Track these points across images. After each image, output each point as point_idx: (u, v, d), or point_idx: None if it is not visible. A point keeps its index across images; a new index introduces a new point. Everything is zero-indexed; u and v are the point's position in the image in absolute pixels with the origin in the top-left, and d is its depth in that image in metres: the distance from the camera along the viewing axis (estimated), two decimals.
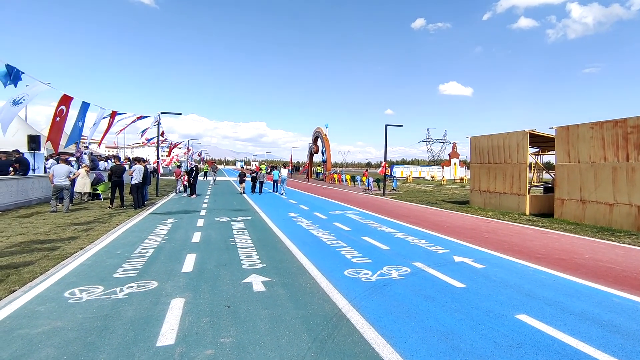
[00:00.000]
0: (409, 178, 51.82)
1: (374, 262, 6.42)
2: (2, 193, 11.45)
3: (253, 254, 6.82)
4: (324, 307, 4.30)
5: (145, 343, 3.38)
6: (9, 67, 7.61)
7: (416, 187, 33.92)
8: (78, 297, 4.47)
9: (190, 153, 38.90)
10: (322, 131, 45.49)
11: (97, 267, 5.74)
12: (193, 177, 18.09)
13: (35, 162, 14.48)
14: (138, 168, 13.22)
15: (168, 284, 5.04)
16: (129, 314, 4.00)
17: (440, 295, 4.77)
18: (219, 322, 3.84)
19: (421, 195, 23.43)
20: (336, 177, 40.21)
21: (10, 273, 5.32)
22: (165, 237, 8.18)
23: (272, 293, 4.75)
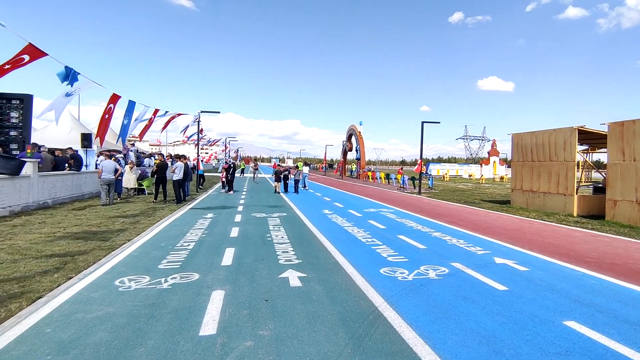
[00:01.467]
0: (446, 176, 50.43)
1: (410, 261, 6.33)
2: (59, 187, 12.35)
3: (289, 249, 6.93)
4: (360, 305, 4.29)
5: (188, 332, 3.53)
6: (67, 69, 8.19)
7: (453, 186, 32.95)
8: (127, 286, 4.74)
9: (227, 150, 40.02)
10: (356, 128, 45.25)
11: (144, 258, 6.06)
12: (231, 174, 18.60)
13: (87, 159, 15.49)
14: (179, 165, 13.78)
15: (209, 276, 5.23)
16: (173, 304, 4.20)
17: (481, 298, 4.62)
18: (258, 315, 3.94)
19: (458, 194, 22.74)
20: (370, 175, 39.87)
21: (67, 261, 5.74)
22: (205, 231, 8.49)
23: (309, 289, 4.81)
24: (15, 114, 11.83)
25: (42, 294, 4.40)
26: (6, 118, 11.84)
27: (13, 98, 11.90)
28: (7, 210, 9.67)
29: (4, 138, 11.87)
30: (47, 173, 11.80)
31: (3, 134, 11.86)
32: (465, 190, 26.81)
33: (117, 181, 13.00)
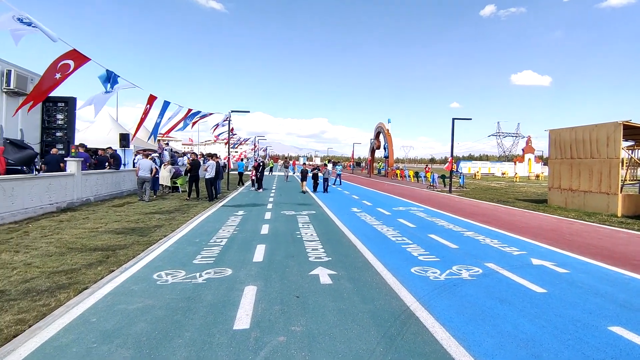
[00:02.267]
0: (477, 174, 48.95)
1: (442, 260, 6.20)
2: (100, 185, 13.01)
3: (318, 247, 6.97)
4: (391, 304, 4.26)
5: (223, 325, 3.64)
6: (108, 72, 8.59)
7: (485, 184, 31.95)
8: (164, 280, 4.93)
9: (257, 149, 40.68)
10: (384, 126, 44.77)
11: (179, 253, 6.29)
12: (260, 172, 18.91)
13: (125, 158, 16.21)
14: (211, 163, 14.16)
15: (241, 272, 5.35)
16: (208, 298, 4.33)
17: (518, 300, 4.47)
18: (290, 311, 3.99)
19: (491, 193, 22.02)
20: (399, 173, 39.35)
21: (109, 255, 6.05)
22: (236, 228, 8.68)
23: (339, 286, 4.82)
24: (60, 116, 12.57)
25: (88, 286, 4.65)
26: (53, 120, 12.60)
27: (59, 101, 12.63)
28: (55, 206, 10.30)
29: (51, 138, 12.63)
30: (90, 171, 12.45)
31: (50, 135, 12.63)
32: (499, 189, 25.93)
33: (153, 179, 13.55)
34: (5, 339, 3.29)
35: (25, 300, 4.11)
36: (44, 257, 5.81)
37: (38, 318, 3.71)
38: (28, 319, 3.67)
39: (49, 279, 4.81)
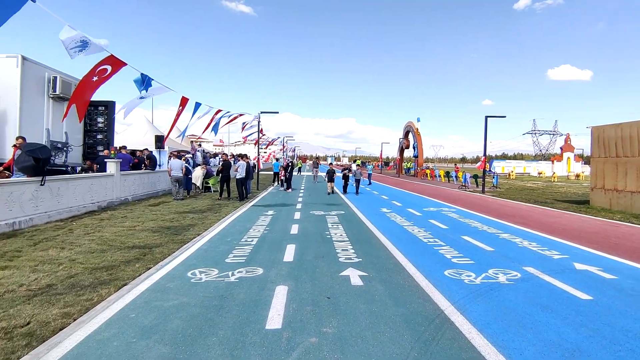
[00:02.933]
0: (512, 174, 47.08)
1: (477, 263, 5.99)
2: (137, 185, 13.56)
3: (348, 247, 6.92)
4: (425, 307, 4.15)
5: (255, 325, 3.67)
6: (143, 75, 8.95)
7: (521, 184, 30.69)
8: (198, 278, 5.05)
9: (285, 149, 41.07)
10: (413, 125, 44.00)
11: (212, 252, 6.42)
12: (289, 172, 19.06)
13: (160, 159, 16.81)
14: (242, 164, 14.42)
15: (272, 271, 5.40)
16: (240, 297, 4.39)
17: (561, 306, 4.23)
18: (321, 312, 3.98)
19: (527, 193, 21.12)
20: (429, 173, 38.54)
21: (146, 252, 6.27)
22: (267, 227, 8.78)
23: (370, 288, 4.75)
24: (101, 119, 13.21)
25: (127, 282, 4.84)
26: (94, 123, 13.26)
27: (99, 105, 13.28)
28: (96, 205, 10.82)
29: (92, 141, 13.29)
30: (128, 172, 13.00)
31: (92, 137, 13.29)
32: (535, 189, 24.83)
33: (186, 179, 13.98)
34: (52, 331, 3.47)
35: (70, 295, 4.32)
36: (86, 253, 6.10)
37: (82, 312, 3.89)
38: (73, 313, 3.85)
39: (91, 275, 5.05)
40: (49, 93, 11.19)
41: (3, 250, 6.12)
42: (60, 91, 11.21)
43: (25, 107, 10.29)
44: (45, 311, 3.87)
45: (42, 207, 8.63)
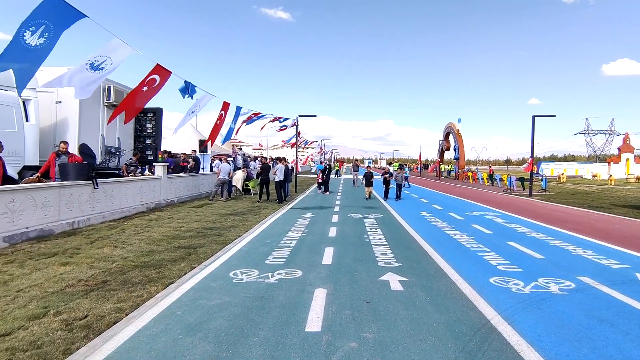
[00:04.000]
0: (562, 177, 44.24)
1: (525, 271, 5.68)
2: (182, 187, 14.21)
3: (387, 251, 6.81)
4: (469, 316, 3.99)
5: (295, 327, 3.70)
6: (186, 83, 9.36)
7: (572, 188, 28.80)
8: (240, 278, 5.18)
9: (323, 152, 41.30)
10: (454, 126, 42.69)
11: (252, 253, 6.57)
12: (326, 175, 19.13)
13: (203, 162, 17.49)
14: (280, 167, 14.66)
15: (311, 274, 5.42)
16: (280, 298, 4.45)
17: (622, 320, 3.90)
18: (360, 317, 3.94)
19: (580, 197, 19.76)
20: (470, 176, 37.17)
21: (190, 252, 6.54)
22: (305, 230, 8.85)
23: (411, 294, 4.65)
24: (150, 125, 13.95)
25: (173, 280, 5.06)
26: (143, 128, 14.04)
27: (148, 112, 14.04)
28: (145, 207, 11.45)
29: (142, 145, 14.08)
30: (174, 175, 13.65)
31: (141, 142, 14.09)
32: (589, 193, 23.18)
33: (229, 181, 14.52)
34: (107, 324, 3.70)
35: (122, 291, 4.59)
36: (137, 252, 6.46)
37: (133, 308, 4.12)
38: (125, 308, 4.09)
39: (141, 273, 5.33)
40: (104, 101, 11.99)
41: (64, 248, 6.62)
42: (113, 99, 11.98)
43: (84, 115, 11.10)
44: (101, 305, 4.13)
45: (97, 208, 9.26)
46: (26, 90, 9.64)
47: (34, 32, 5.21)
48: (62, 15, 5.21)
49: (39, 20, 5.03)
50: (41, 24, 5.12)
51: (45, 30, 5.27)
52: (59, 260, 5.82)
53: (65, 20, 5.24)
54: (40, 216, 7.48)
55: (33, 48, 5.10)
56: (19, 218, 7.00)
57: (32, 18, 5.07)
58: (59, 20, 5.15)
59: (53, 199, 7.84)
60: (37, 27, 5.18)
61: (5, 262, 5.65)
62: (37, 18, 4.98)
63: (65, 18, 5.29)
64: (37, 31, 5.23)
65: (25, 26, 5.12)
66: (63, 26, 5.28)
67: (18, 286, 4.65)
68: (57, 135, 10.85)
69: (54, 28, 5.18)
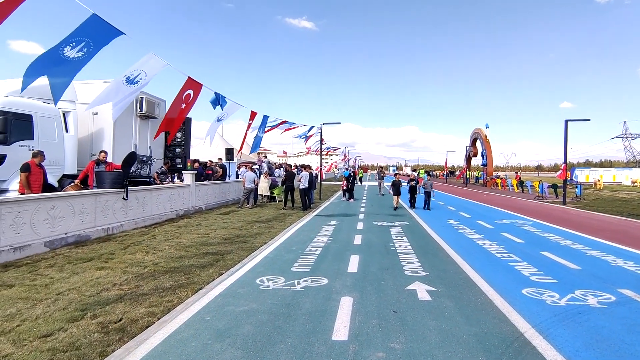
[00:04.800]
0: (598, 183, 42.18)
1: (560, 282, 5.44)
2: (210, 195, 14.55)
3: (414, 260, 6.70)
4: (501, 328, 3.86)
5: (322, 335, 3.69)
6: (217, 94, 9.65)
7: (610, 195, 27.40)
8: (266, 285, 5.23)
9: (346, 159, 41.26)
10: (481, 132, 41.69)
11: (278, 260, 6.63)
12: (350, 182, 19.08)
13: (229, 170, 17.86)
14: (305, 174, 14.76)
15: (337, 282, 5.41)
16: (306, 306, 4.46)
17: None
18: (387, 326, 3.89)
19: (619, 205, 18.76)
20: (499, 182, 36.08)
21: (218, 259, 6.67)
22: (330, 237, 8.85)
23: (439, 304, 4.55)
24: (179, 134, 14.42)
25: (202, 286, 5.18)
26: (173, 138, 14.51)
27: None
28: (174, 214, 11.79)
29: (172, 154, 14.56)
30: (202, 183, 14.01)
31: (171, 151, 14.57)
32: (629, 200, 21.99)
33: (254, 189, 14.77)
34: (140, 328, 3.82)
35: (154, 296, 4.73)
36: (167, 258, 6.66)
37: (164, 312, 4.24)
38: (157, 313, 4.21)
39: (171, 278, 5.48)
40: (137, 112, 12.50)
41: (100, 253, 6.91)
42: (145, 110, 12.48)
43: (118, 125, 11.61)
44: (134, 309, 4.28)
45: (130, 215, 9.62)
46: (66, 102, 10.25)
47: (74, 47, 5.52)
48: (102, 33, 5.51)
49: (80, 38, 5.35)
50: (82, 41, 5.43)
51: (85, 46, 5.58)
52: (95, 265, 6.08)
53: (104, 37, 5.54)
54: (78, 222, 7.85)
55: (70, 60, 5.39)
56: (59, 224, 7.37)
57: (74, 35, 5.38)
58: (98, 38, 5.46)
59: (90, 206, 8.22)
60: (78, 43, 5.49)
61: (46, 266, 5.96)
62: (78, 35, 5.30)
63: (105, 36, 5.59)
64: (77, 46, 5.54)
65: (67, 42, 5.44)
66: (102, 43, 5.58)
67: (58, 289, 4.89)
68: (93, 145, 11.40)
69: (94, 45, 5.48)
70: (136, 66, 6.86)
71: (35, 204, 6.90)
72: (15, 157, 8.36)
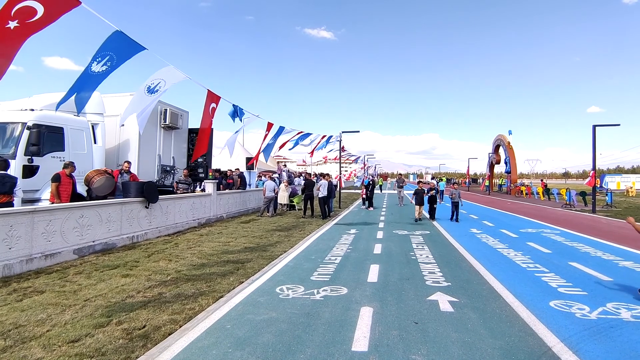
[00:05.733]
0: (631, 191, 40.31)
1: (590, 295, 5.22)
2: (231, 204, 14.77)
3: (435, 270, 6.58)
4: (527, 342, 3.73)
5: (341, 345, 3.66)
6: (235, 107, 9.83)
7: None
8: (286, 294, 5.24)
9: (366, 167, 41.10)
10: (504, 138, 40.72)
11: (298, 269, 6.63)
12: (370, 191, 18.96)
13: (250, 179, 18.10)
14: (324, 183, 14.78)
15: (356, 291, 5.36)
16: (326, 315, 4.44)
17: None
18: (408, 338, 3.82)
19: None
20: (524, 190, 35.06)
21: (238, 267, 6.74)
22: (350, 246, 8.80)
23: (462, 315, 4.44)
24: None
25: (223, 294, 5.24)
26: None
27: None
28: (197, 222, 12.02)
29: (194, 164, 14.89)
30: (223, 192, 14.24)
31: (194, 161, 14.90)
32: None
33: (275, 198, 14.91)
34: (163, 335, 3.90)
35: (176, 303, 4.82)
36: (189, 266, 6.78)
37: (186, 320, 4.31)
38: (179, 320, 4.29)
39: (193, 286, 5.57)
40: (161, 123, 12.89)
41: (125, 260, 7.11)
42: (169, 121, 12.85)
43: (143, 136, 11.98)
44: (157, 316, 4.37)
45: (154, 223, 9.87)
46: (95, 115, 10.68)
47: (99, 62, 5.76)
48: (126, 48, 5.73)
49: (105, 52, 5.58)
50: (107, 55, 5.67)
51: (109, 60, 5.80)
52: (121, 272, 6.25)
53: (127, 52, 5.76)
54: (104, 230, 8.12)
55: (95, 74, 5.62)
56: (87, 232, 7.64)
57: (100, 51, 5.62)
58: (122, 52, 5.68)
59: (116, 215, 8.49)
60: (103, 57, 5.73)
61: (75, 273, 6.17)
62: (104, 50, 5.53)
63: (128, 50, 5.81)
64: (102, 60, 5.78)
65: (95, 59, 5.68)
66: (125, 57, 5.80)
67: (85, 295, 5.05)
68: (119, 156, 11.79)
69: (117, 59, 5.71)
70: (156, 75, 7.09)
71: (66, 213, 7.18)
72: (47, 168, 8.75)
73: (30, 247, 6.39)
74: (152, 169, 12.42)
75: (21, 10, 4.02)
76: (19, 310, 4.49)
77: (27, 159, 8.54)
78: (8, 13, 3.95)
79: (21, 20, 4.04)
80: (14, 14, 3.96)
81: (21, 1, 4.06)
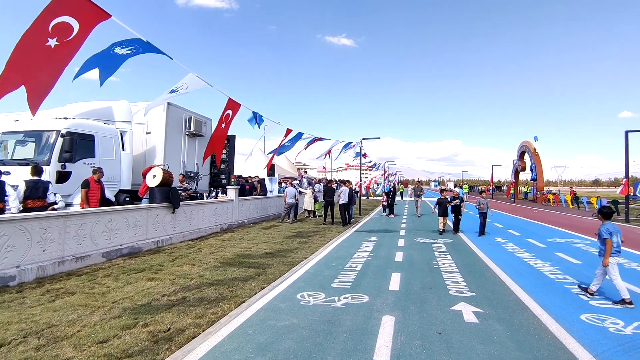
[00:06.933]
0: None
1: (625, 308, 4.99)
2: (252, 210, 14.95)
3: (459, 279, 6.44)
4: (557, 356, 3.59)
5: (363, 354, 3.63)
6: (254, 113, 9.97)
7: None
8: (307, 301, 5.25)
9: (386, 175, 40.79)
10: (530, 145, 39.66)
11: (318, 276, 6.63)
12: (391, 198, 18.79)
13: (270, 185, 18.28)
14: (344, 189, 14.76)
15: (378, 299, 5.31)
16: (347, 323, 4.41)
17: None
18: (432, 348, 3.75)
19: None
20: (551, 198, 33.91)
21: (260, 273, 6.79)
22: (370, 254, 8.73)
23: (487, 327, 4.32)
24: (224, 151, 15.06)
25: (244, 299, 5.29)
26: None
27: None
28: (219, 227, 12.22)
29: (217, 170, 15.19)
30: (244, 197, 14.44)
31: (216, 167, 15.21)
32: None
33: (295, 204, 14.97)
34: (187, 338, 3.97)
35: (200, 307, 4.91)
36: (212, 270, 6.89)
37: (209, 324, 4.38)
38: (202, 324, 4.36)
39: (216, 291, 5.66)
40: (185, 131, 13.24)
41: (150, 264, 7.29)
42: (193, 129, 13.19)
43: (169, 143, 12.35)
44: (181, 320, 4.46)
45: (178, 228, 10.10)
46: (123, 123, 11.08)
47: (123, 47, 5.95)
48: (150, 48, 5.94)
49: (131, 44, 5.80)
50: (132, 45, 5.87)
51: (134, 48, 5.99)
52: (146, 276, 6.42)
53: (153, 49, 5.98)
54: (131, 235, 8.37)
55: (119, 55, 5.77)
56: (115, 236, 7.89)
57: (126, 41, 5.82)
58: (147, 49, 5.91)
59: (142, 219, 8.74)
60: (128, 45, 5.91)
61: (103, 276, 6.38)
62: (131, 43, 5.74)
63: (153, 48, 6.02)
64: (127, 47, 5.96)
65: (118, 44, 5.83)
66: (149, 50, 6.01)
67: (113, 298, 5.21)
68: (146, 162, 12.16)
69: (142, 49, 5.91)
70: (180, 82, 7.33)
71: (95, 217, 7.46)
72: (78, 174, 9.13)
73: (63, 250, 6.66)
74: (177, 175, 12.75)
75: (58, 27, 4.03)
76: (52, 310, 4.68)
77: (61, 165, 8.94)
78: (45, 29, 3.88)
79: (60, 39, 4.02)
80: (52, 30, 3.99)
81: (56, 16, 4.03)
